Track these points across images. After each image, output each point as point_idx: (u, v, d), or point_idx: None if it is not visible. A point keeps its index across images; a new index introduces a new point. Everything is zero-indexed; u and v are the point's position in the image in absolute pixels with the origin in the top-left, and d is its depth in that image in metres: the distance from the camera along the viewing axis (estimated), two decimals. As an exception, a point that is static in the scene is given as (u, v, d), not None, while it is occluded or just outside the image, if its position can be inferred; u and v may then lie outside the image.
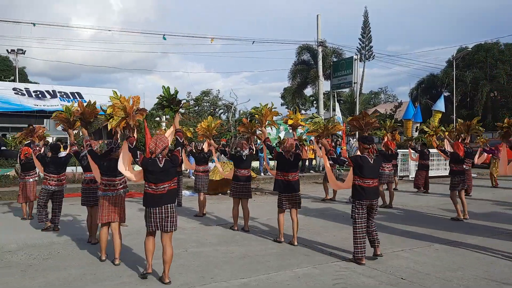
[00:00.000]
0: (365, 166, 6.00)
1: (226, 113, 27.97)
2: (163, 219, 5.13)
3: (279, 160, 7.15)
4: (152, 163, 5.13)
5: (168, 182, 5.18)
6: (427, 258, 6.25)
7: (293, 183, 7.02)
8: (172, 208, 5.19)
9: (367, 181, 6.00)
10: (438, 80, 36.25)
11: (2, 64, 43.01)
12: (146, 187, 5.20)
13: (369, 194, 6.02)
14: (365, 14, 39.17)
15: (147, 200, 5.21)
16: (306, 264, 5.98)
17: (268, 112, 7.75)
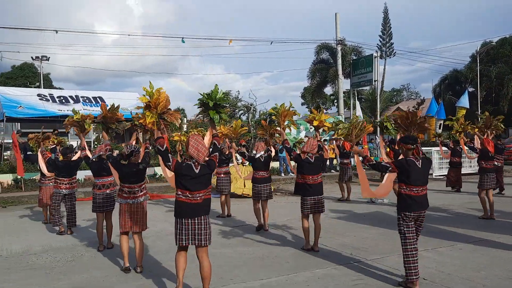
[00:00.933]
0: (413, 171, 5.06)
1: (246, 114, 28.06)
2: (197, 232, 4.61)
3: (298, 162, 6.79)
4: (186, 168, 4.62)
5: (203, 191, 4.66)
6: (450, 258, 6.12)
7: (314, 186, 6.65)
8: (207, 219, 4.69)
9: (415, 188, 5.07)
10: (462, 76, 35.51)
11: (28, 71, 44.21)
12: (179, 195, 4.67)
13: (418, 204, 5.08)
14: (385, 10, 38.64)
15: (180, 209, 4.66)
16: (326, 264, 5.94)
17: (286, 112, 7.53)
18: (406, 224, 5.08)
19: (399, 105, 42.12)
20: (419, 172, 5.11)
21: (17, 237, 8.04)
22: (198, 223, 4.61)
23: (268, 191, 8.24)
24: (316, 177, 6.70)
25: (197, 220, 4.61)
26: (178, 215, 4.69)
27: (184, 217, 4.62)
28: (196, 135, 4.71)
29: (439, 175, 18.32)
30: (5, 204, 12.27)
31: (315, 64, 27.72)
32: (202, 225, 4.62)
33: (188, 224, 4.61)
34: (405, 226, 5.08)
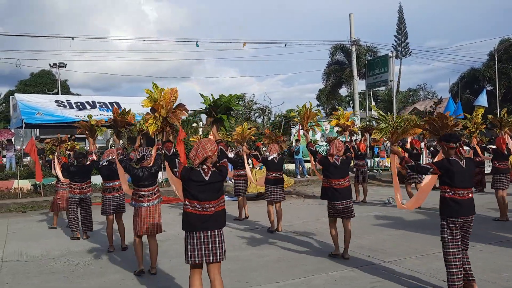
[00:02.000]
0: (457, 172, 4.63)
1: (261, 116, 28.08)
2: (210, 247, 4.08)
3: (324, 165, 6.44)
4: (195, 174, 4.14)
5: (214, 201, 4.14)
6: (471, 260, 5.97)
7: (340, 190, 6.30)
8: (220, 232, 4.18)
9: (460, 191, 4.66)
10: (480, 74, 34.96)
11: (46, 78, 45.00)
12: (187, 205, 4.14)
13: (464, 209, 4.67)
14: (400, 10, 38.40)
15: (188, 222, 4.13)
16: (343, 267, 5.87)
17: (309, 113, 7.28)
18: (451, 231, 4.65)
19: (415, 105, 41.64)
20: (464, 173, 4.69)
21: (36, 242, 8.14)
22: (211, 237, 4.09)
23: (281, 192, 8.29)
24: (342, 180, 6.36)
25: (209, 233, 4.09)
26: (186, 228, 4.15)
27: (194, 230, 4.08)
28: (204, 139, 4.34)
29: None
30: (25, 209, 12.47)
31: (330, 65, 27.60)
32: (215, 238, 4.10)
33: (200, 238, 4.07)
34: (449, 234, 4.65)
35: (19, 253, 7.26)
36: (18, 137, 20.91)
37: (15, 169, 15.36)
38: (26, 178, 14.61)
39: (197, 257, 4.06)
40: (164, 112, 4.57)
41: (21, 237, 8.70)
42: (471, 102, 28.66)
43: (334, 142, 6.56)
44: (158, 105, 4.57)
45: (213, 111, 4.79)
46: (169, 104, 4.61)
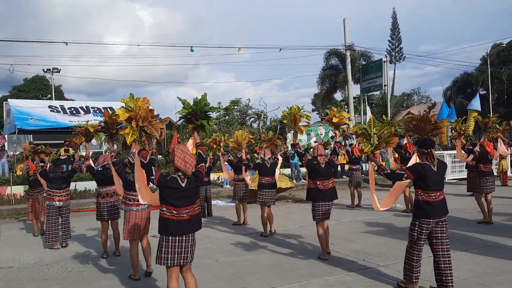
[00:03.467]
0: (429, 175, 4.89)
1: (257, 121, 28.09)
2: (183, 250, 4.22)
3: (309, 168, 6.75)
4: (172, 180, 4.25)
5: (191, 206, 4.27)
6: (464, 263, 6.01)
7: (325, 191, 6.59)
8: (194, 236, 4.35)
9: (433, 194, 4.90)
10: (473, 79, 35.18)
11: (40, 84, 44.78)
12: (164, 211, 4.24)
13: (436, 210, 4.91)
14: (394, 15, 38.69)
15: (165, 227, 4.22)
16: (338, 271, 5.86)
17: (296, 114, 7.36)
18: (421, 231, 4.92)
19: (410, 109, 41.86)
20: (436, 176, 4.95)
21: (29, 248, 8.07)
22: (185, 241, 4.22)
23: (274, 196, 8.43)
24: (327, 182, 6.63)
25: (184, 238, 4.21)
26: (163, 233, 4.23)
27: (170, 235, 4.19)
28: (182, 145, 4.41)
29: (452, 179, 18.12)
30: (17, 216, 12.37)
31: (325, 70, 27.69)
32: (189, 242, 4.24)
33: (175, 241, 4.19)
34: (419, 233, 4.93)
35: (12, 260, 7.19)
36: (11, 143, 20.78)
37: (8, 175, 15.24)
38: (19, 184, 14.50)
39: (170, 260, 4.18)
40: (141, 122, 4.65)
41: (13, 243, 8.62)
42: (464, 106, 28.85)
43: (316, 145, 6.90)
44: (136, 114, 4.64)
45: (194, 118, 4.85)
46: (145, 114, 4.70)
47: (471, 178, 13.07)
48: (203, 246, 7.71)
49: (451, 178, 18.17)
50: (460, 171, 18.13)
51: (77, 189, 14.89)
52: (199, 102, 4.82)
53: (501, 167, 15.98)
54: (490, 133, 9.39)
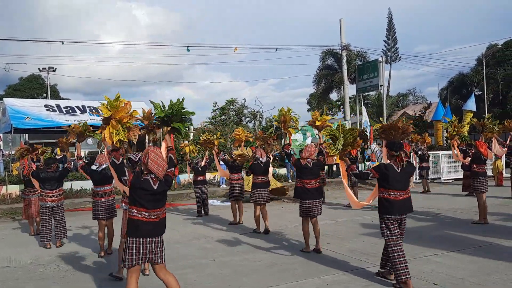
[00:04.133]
0: (391, 175, 5.21)
1: (252, 121, 28.11)
2: (153, 251, 4.27)
3: (297, 167, 7.06)
4: (145, 182, 4.26)
5: (161, 209, 4.37)
6: (461, 263, 6.05)
7: (312, 190, 6.87)
8: (162, 238, 4.42)
9: (393, 193, 5.20)
10: (468, 79, 35.33)
11: (35, 83, 44.62)
12: (134, 213, 4.24)
13: (397, 209, 5.18)
14: (389, 15, 38.74)
15: (135, 229, 4.23)
16: (335, 271, 5.88)
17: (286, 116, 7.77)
18: (388, 227, 5.20)
19: (405, 110, 42.05)
20: (398, 176, 5.24)
21: (25, 248, 8.05)
22: (154, 242, 4.27)
23: (267, 195, 8.65)
24: (314, 181, 6.90)
25: (154, 239, 4.27)
26: (133, 234, 4.23)
27: (140, 236, 4.21)
28: (156, 148, 4.45)
29: (448, 179, 18.23)
30: (13, 215, 12.32)
31: (321, 70, 27.72)
32: (158, 243, 4.31)
33: (145, 243, 4.22)
34: (387, 229, 5.21)
35: (8, 259, 7.17)
36: (7, 142, 20.69)
37: (3, 174, 15.18)
38: (15, 183, 14.45)
39: (134, 261, 4.21)
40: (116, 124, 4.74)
41: (10, 243, 8.60)
42: (460, 107, 29.02)
43: (306, 146, 7.15)
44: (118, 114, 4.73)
45: (169, 121, 4.87)
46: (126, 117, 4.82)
47: (466, 178, 13.16)
48: (199, 245, 7.72)
49: (446, 178, 18.28)
50: (456, 171, 18.25)
51: (73, 188, 14.86)
52: (175, 106, 4.84)
53: (496, 167, 16.08)
54: (487, 133, 9.45)
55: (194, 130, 27.73)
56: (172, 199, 14.82)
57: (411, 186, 14.79)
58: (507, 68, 33.24)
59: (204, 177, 11.35)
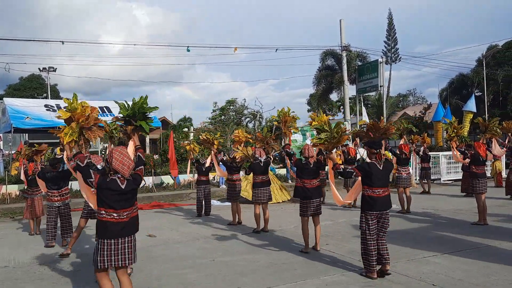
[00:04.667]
0: (374, 173, 5.56)
1: (252, 121, 28.11)
2: (122, 252, 4.24)
3: (298, 167, 7.15)
4: (111, 183, 4.23)
5: (130, 208, 4.32)
6: (460, 263, 6.05)
7: (311, 190, 6.96)
8: (133, 237, 4.38)
9: (377, 190, 5.55)
10: (468, 80, 35.32)
11: (35, 82, 44.61)
12: (102, 214, 4.22)
13: (380, 205, 5.56)
14: (390, 16, 38.68)
15: (105, 230, 4.22)
16: (334, 271, 5.89)
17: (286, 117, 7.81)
18: (367, 222, 5.56)
19: (405, 110, 42.00)
20: (380, 174, 5.59)
21: (24, 248, 8.05)
22: (127, 242, 4.27)
23: (268, 194, 8.67)
24: (314, 181, 7.00)
25: (126, 239, 4.27)
26: (103, 236, 4.22)
27: (110, 238, 4.20)
28: (121, 147, 4.43)
29: (447, 180, 18.23)
30: (13, 215, 12.33)
31: (321, 70, 27.71)
32: (131, 243, 4.30)
33: (117, 244, 4.21)
34: (366, 224, 5.57)
35: (7, 260, 7.17)
36: (7, 142, 20.70)
37: (3, 174, 15.18)
38: (15, 183, 14.45)
39: (106, 262, 4.19)
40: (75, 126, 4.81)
41: (9, 243, 8.60)
42: (460, 107, 29.01)
43: (306, 146, 7.24)
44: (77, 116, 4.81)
45: (132, 120, 4.88)
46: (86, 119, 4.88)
47: (465, 179, 13.16)
48: (198, 245, 7.73)
49: (446, 179, 18.28)
50: (456, 172, 18.24)
51: (72, 188, 14.86)
52: (137, 104, 4.85)
53: (495, 168, 16.08)
54: (488, 134, 9.43)
55: (194, 130, 27.76)
56: (172, 199, 14.84)
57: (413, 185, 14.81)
58: (507, 69, 33.24)
59: (207, 178, 11.37)
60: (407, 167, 10.78)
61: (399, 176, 10.71)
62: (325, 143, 6.20)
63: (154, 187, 16.20)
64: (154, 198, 14.71)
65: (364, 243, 5.59)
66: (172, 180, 16.84)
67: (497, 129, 9.41)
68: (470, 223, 8.93)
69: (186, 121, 39.91)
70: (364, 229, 5.60)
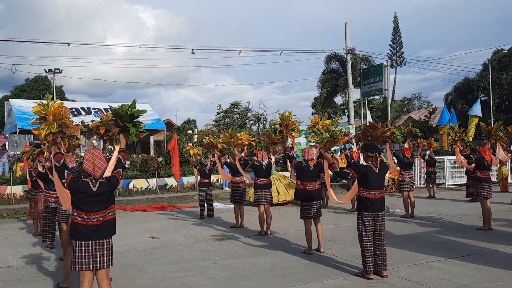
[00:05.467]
0: (370, 176, 5.69)
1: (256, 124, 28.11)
2: (97, 255, 4.17)
3: (298, 169, 7.20)
4: (82, 185, 4.16)
5: (102, 212, 4.20)
6: (464, 269, 6.00)
7: (312, 192, 7.02)
8: (109, 240, 4.27)
9: (372, 192, 5.68)
10: (474, 84, 35.15)
11: (41, 84, 44.79)
12: (74, 215, 4.18)
13: (375, 206, 5.68)
14: (395, 19, 38.76)
15: (76, 232, 4.17)
16: (336, 275, 5.86)
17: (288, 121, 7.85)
18: (363, 223, 5.69)
19: (410, 114, 41.87)
20: (376, 176, 5.72)
21: (28, 248, 8.08)
22: (99, 244, 4.17)
23: (269, 196, 8.75)
24: (314, 183, 7.08)
25: (98, 242, 4.16)
26: (74, 237, 4.21)
27: (81, 239, 4.13)
28: (94, 149, 4.34)
29: (452, 185, 18.13)
30: (17, 216, 12.38)
31: (325, 73, 27.71)
32: (103, 246, 4.19)
33: (88, 246, 4.13)
34: (362, 225, 5.70)
35: (11, 260, 7.20)
36: (12, 143, 20.79)
37: (8, 175, 15.25)
38: (19, 184, 14.51)
39: (84, 265, 4.14)
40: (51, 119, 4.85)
41: (13, 243, 8.63)
42: (465, 112, 28.87)
43: (306, 149, 7.33)
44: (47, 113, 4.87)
45: (119, 121, 4.80)
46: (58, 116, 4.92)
47: (470, 184, 13.07)
48: (200, 248, 7.72)
49: (451, 184, 18.19)
50: (461, 176, 18.15)
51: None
52: (125, 106, 4.79)
53: (501, 173, 15.98)
54: (492, 139, 9.37)
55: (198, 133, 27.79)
56: (175, 201, 14.85)
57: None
58: (513, 74, 33.05)
59: (210, 180, 11.39)
60: (410, 171, 10.74)
61: (402, 180, 10.67)
62: (321, 142, 6.35)
63: (157, 188, 16.23)
64: (158, 200, 14.73)
65: (361, 244, 5.74)
66: (175, 182, 16.86)
67: (501, 134, 9.34)
68: (475, 228, 8.88)
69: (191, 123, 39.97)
70: (360, 230, 5.73)
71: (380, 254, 5.69)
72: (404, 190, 10.62)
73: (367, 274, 5.62)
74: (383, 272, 5.67)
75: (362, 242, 5.71)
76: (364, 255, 5.67)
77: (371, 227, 5.70)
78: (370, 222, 5.69)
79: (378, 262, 5.68)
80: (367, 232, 5.68)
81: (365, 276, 5.61)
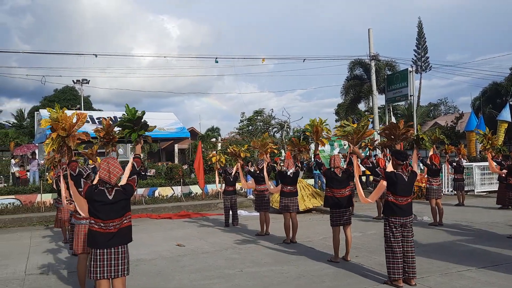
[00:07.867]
0: (399, 183, 5.65)
1: (280, 131, 28.10)
2: (113, 263, 4.20)
3: (327, 177, 7.17)
4: (99, 193, 4.23)
5: (119, 219, 4.26)
6: (496, 278, 5.84)
7: (341, 199, 6.97)
8: (124, 248, 4.31)
9: (400, 198, 5.65)
10: (502, 89, 34.33)
11: (69, 94, 46.02)
12: (92, 224, 4.25)
13: (402, 212, 5.62)
14: (419, 24, 38.27)
15: (93, 239, 4.24)
16: (364, 284, 5.78)
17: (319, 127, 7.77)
18: (391, 229, 5.61)
19: (436, 120, 41.13)
20: (405, 185, 5.69)
21: (58, 255, 8.26)
22: (114, 253, 4.21)
23: (296, 203, 8.73)
24: (343, 190, 7.02)
25: (113, 250, 4.20)
26: (91, 245, 4.27)
27: (98, 247, 4.19)
28: (110, 158, 4.38)
29: (481, 191, 17.69)
30: (47, 223, 12.67)
31: (349, 80, 27.56)
32: (119, 254, 4.23)
33: (103, 254, 4.17)
34: (390, 231, 5.62)
35: (42, 267, 7.37)
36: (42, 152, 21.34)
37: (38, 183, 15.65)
38: (49, 192, 14.86)
39: (99, 273, 4.16)
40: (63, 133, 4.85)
41: (43, 250, 8.83)
42: (494, 117, 28.18)
43: (333, 157, 7.28)
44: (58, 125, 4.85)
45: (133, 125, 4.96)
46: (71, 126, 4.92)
47: (501, 190, 12.70)
48: (226, 256, 7.73)
49: (480, 191, 17.75)
50: (490, 183, 17.70)
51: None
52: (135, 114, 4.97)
53: None
54: None
55: (222, 141, 27.96)
56: (200, 208, 14.95)
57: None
58: (543, 77, 32.14)
59: (234, 188, 11.43)
60: (438, 178, 10.54)
61: (430, 187, 10.48)
62: (348, 136, 6.27)
63: (182, 196, 16.37)
64: (183, 208, 14.86)
65: (389, 251, 5.61)
66: (200, 190, 16.98)
67: None
68: (506, 236, 8.63)
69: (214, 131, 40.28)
70: (388, 236, 5.63)
71: (409, 261, 5.57)
72: (432, 197, 10.42)
73: (396, 281, 5.51)
74: (412, 281, 5.54)
75: (391, 248, 5.59)
76: (393, 260, 5.54)
77: (399, 233, 5.61)
78: (398, 228, 5.60)
79: (406, 270, 5.56)
80: (396, 238, 5.58)
81: (395, 284, 5.51)
